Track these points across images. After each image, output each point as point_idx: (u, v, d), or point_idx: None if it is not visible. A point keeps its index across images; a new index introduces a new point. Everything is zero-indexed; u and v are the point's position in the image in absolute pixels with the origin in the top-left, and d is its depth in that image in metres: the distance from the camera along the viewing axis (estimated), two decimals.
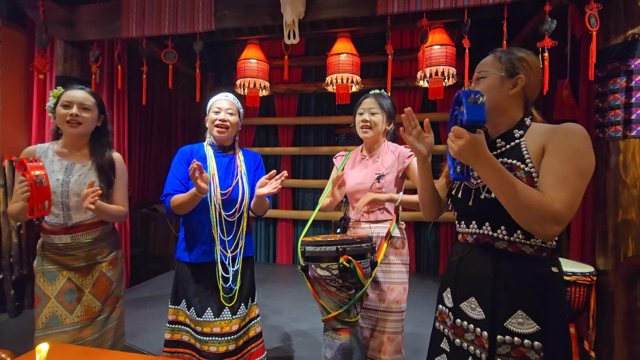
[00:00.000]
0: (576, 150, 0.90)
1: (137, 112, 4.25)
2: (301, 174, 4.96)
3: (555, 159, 0.91)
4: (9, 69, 3.17)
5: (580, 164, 0.89)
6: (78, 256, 1.58)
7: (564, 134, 0.93)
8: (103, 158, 1.64)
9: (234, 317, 1.59)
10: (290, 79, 4.70)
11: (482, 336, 0.97)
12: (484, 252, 1.02)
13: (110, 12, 2.98)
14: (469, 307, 1.02)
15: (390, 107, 1.72)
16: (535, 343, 0.91)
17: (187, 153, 1.68)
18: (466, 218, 1.08)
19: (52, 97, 1.60)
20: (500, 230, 0.98)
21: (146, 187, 4.53)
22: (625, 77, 2.06)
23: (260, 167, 1.79)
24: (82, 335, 1.57)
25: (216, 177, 1.64)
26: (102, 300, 1.63)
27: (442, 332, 1.13)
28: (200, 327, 1.57)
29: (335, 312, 1.46)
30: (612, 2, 2.12)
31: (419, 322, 2.83)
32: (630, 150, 2.04)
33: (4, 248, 2.95)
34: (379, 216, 1.67)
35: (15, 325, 2.84)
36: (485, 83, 1.04)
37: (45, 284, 1.54)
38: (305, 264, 1.46)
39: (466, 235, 1.09)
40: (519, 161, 0.97)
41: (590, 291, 2.10)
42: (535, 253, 0.96)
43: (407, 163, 1.65)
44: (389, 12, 2.55)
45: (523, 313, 0.93)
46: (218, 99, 1.68)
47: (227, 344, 1.56)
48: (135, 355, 1.08)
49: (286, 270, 4.59)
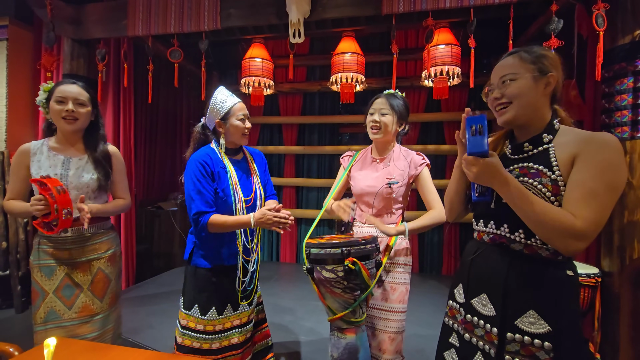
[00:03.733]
0: (609, 165, 0.87)
1: (143, 111, 4.27)
2: (305, 173, 4.96)
3: (585, 172, 0.89)
4: (16, 67, 3.20)
5: (611, 179, 0.87)
6: (77, 251, 1.59)
7: (598, 146, 0.89)
8: (98, 151, 1.65)
9: (249, 307, 1.63)
10: (295, 78, 4.69)
11: (492, 332, 0.98)
12: (499, 251, 1.02)
13: (117, 10, 3.00)
14: (480, 303, 1.03)
15: (402, 108, 1.69)
16: (546, 343, 0.91)
17: (208, 165, 1.54)
18: (485, 217, 1.09)
19: (42, 92, 1.59)
20: (518, 233, 0.98)
21: (151, 185, 4.55)
22: (633, 77, 2.04)
23: (265, 165, 1.81)
24: (81, 331, 1.57)
25: (238, 186, 1.60)
26: (100, 297, 1.64)
27: (452, 327, 1.14)
28: (220, 325, 1.55)
29: (341, 313, 1.46)
30: (620, 2, 2.10)
31: (421, 322, 2.83)
32: (637, 152, 2.03)
33: (11, 244, 2.99)
34: (386, 219, 1.66)
35: (22, 320, 2.87)
36: (517, 85, 0.99)
37: (42, 279, 1.55)
38: (311, 266, 1.45)
39: (482, 234, 1.09)
40: (546, 167, 0.95)
41: (595, 293, 2.09)
42: (551, 256, 0.96)
43: (418, 171, 1.64)
44: (395, 12, 2.55)
45: (535, 313, 0.93)
46: (239, 106, 1.63)
47: (247, 333, 1.60)
48: (142, 351, 1.09)
49: (289, 269, 4.60)
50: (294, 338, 2.62)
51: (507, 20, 2.50)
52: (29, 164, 1.57)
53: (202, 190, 1.51)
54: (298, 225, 4.91)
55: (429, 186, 1.63)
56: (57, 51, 3.20)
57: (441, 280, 4.12)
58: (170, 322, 2.77)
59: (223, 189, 1.55)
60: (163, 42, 3.41)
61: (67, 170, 1.58)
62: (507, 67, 1.01)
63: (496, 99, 1.02)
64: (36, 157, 1.57)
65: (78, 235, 1.59)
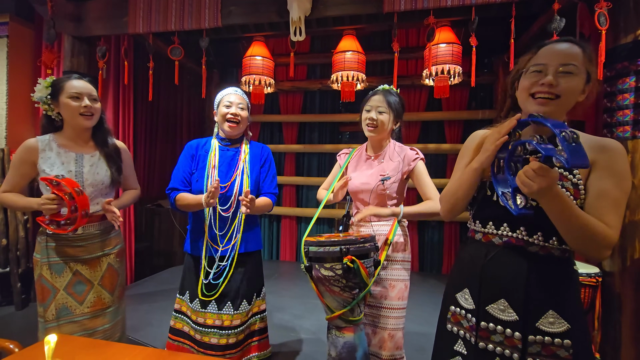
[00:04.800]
0: (625, 173, 0.91)
1: (143, 108, 4.26)
2: (305, 171, 4.96)
3: (607, 180, 0.90)
4: (16, 64, 3.19)
5: (626, 187, 0.91)
6: (87, 247, 1.59)
7: (613, 155, 0.91)
8: (109, 146, 1.66)
9: (235, 312, 1.59)
10: (296, 76, 4.69)
11: (515, 337, 0.95)
12: (515, 254, 0.98)
13: (117, 7, 2.99)
14: (497, 309, 0.98)
15: (399, 105, 1.67)
16: (566, 341, 0.91)
17: (192, 147, 1.70)
18: (495, 219, 1.03)
19: (44, 88, 1.54)
20: (536, 236, 0.96)
21: (151, 183, 4.55)
22: (635, 76, 2.04)
23: (267, 162, 1.75)
24: (93, 324, 1.59)
25: (216, 171, 1.63)
26: (111, 291, 1.65)
27: (457, 334, 1.08)
28: (202, 319, 1.59)
29: (339, 312, 1.46)
30: (622, 1, 2.09)
31: (422, 320, 2.83)
32: (638, 151, 2.02)
33: (11, 242, 2.99)
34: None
35: (22, 317, 2.87)
36: (575, 82, 0.91)
37: (52, 276, 1.54)
38: (309, 264, 1.45)
39: (491, 236, 1.03)
40: (566, 170, 0.94)
41: (596, 292, 2.08)
42: (561, 254, 0.96)
43: (412, 166, 1.63)
44: (396, 10, 2.54)
45: (554, 313, 0.93)
46: (227, 93, 1.67)
47: (228, 337, 1.58)
48: (141, 348, 1.09)
49: (289, 267, 4.60)
50: (294, 337, 2.62)
51: (509, 18, 2.49)
52: (36, 160, 1.54)
53: (179, 168, 1.67)
54: (298, 224, 4.91)
55: (425, 179, 1.62)
56: (57, 48, 3.20)
57: (441, 279, 4.12)
58: (169, 320, 2.76)
59: (198, 170, 1.65)
60: (163, 39, 3.41)
61: (82, 167, 1.57)
62: (571, 57, 0.90)
63: (550, 85, 0.90)
64: (45, 153, 1.54)
65: (88, 233, 1.59)
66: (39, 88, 1.54)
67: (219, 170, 1.63)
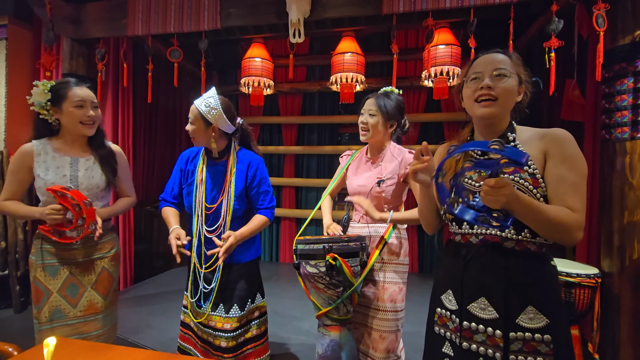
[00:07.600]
0: (577, 157, 0.96)
1: (142, 110, 4.25)
2: (305, 173, 4.96)
3: (562, 167, 0.95)
4: (15, 66, 3.19)
5: (582, 169, 0.96)
6: (81, 251, 1.59)
7: (563, 141, 0.97)
8: (103, 150, 1.66)
9: (225, 316, 1.57)
10: (295, 77, 4.69)
11: (496, 335, 0.97)
12: (492, 252, 1.01)
13: (116, 10, 2.99)
14: (478, 308, 1.01)
15: (392, 108, 1.64)
16: (546, 336, 0.93)
17: (183, 160, 1.70)
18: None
19: (42, 92, 1.51)
20: (508, 230, 0.99)
21: (150, 185, 4.54)
22: (633, 78, 2.04)
23: (256, 178, 1.62)
24: (86, 329, 1.58)
25: (203, 188, 1.59)
26: (104, 296, 1.64)
27: (444, 336, 1.10)
28: (199, 317, 1.62)
29: (325, 309, 1.50)
30: (620, 2, 2.10)
31: (421, 322, 2.79)
32: (637, 152, 2.03)
33: (10, 244, 2.98)
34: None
35: (21, 320, 2.86)
36: (509, 83, 1.00)
37: (46, 279, 1.54)
38: (298, 262, 1.50)
39: (469, 237, 1.07)
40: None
41: (595, 293, 2.08)
42: (538, 249, 1.00)
43: (408, 170, 1.63)
44: (395, 11, 2.54)
45: (533, 308, 0.95)
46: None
47: (221, 340, 1.58)
48: (141, 351, 1.09)
49: (289, 269, 4.59)
50: (293, 339, 2.62)
51: (508, 20, 2.50)
52: (31, 165, 1.53)
53: (171, 179, 1.71)
54: (297, 226, 4.90)
55: None
56: (56, 50, 3.20)
57: None
58: (169, 322, 2.76)
59: (187, 185, 1.66)
60: (163, 41, 3.41)
61: (76, 171, 1.57)
62: (501, 62, 1.01)
63: (488, 88, 1.00)
64: (41, 157, 1.54)
65: (84, 238, 1.58)
66: (36, 92, 1.52)
67: (206, 188, 1.60)
